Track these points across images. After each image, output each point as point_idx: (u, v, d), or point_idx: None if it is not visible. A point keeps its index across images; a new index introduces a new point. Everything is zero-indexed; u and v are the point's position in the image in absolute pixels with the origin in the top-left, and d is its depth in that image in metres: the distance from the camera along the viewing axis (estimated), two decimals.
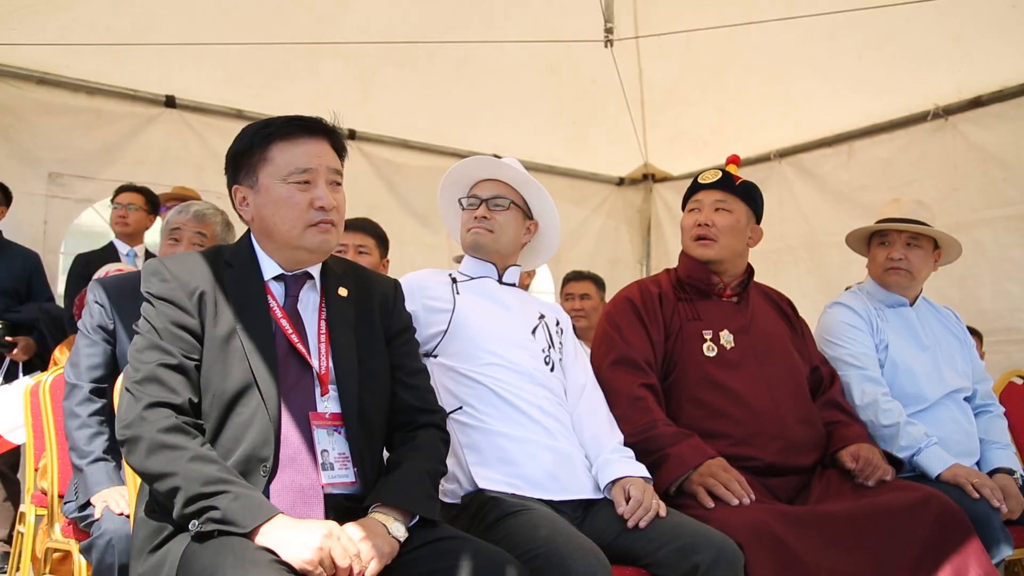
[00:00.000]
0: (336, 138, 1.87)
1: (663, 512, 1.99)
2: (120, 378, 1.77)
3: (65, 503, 2.58)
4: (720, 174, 2.62)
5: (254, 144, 1.81)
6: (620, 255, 6.38)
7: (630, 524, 1.96)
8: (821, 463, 2.48)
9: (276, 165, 1.79)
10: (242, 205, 1.84)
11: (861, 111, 4.93)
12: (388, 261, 3.18)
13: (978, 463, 2.72)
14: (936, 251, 2.88)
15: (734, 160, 2.74)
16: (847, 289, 3.09)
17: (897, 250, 2.83)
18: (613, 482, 2.09)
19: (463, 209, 2.42)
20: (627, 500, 2.01)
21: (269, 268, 1.85)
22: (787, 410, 2.44)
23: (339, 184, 1.85)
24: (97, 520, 2.28)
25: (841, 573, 2.04)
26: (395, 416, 1.89)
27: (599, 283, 4.55)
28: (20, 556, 3.18)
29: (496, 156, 5.44)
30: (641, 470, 2.14)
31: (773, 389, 2.46)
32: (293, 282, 1.86)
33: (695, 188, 2.66)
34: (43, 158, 4.53)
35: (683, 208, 2.72)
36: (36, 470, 3.01)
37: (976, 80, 4.41)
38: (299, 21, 4.54)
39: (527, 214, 2.41)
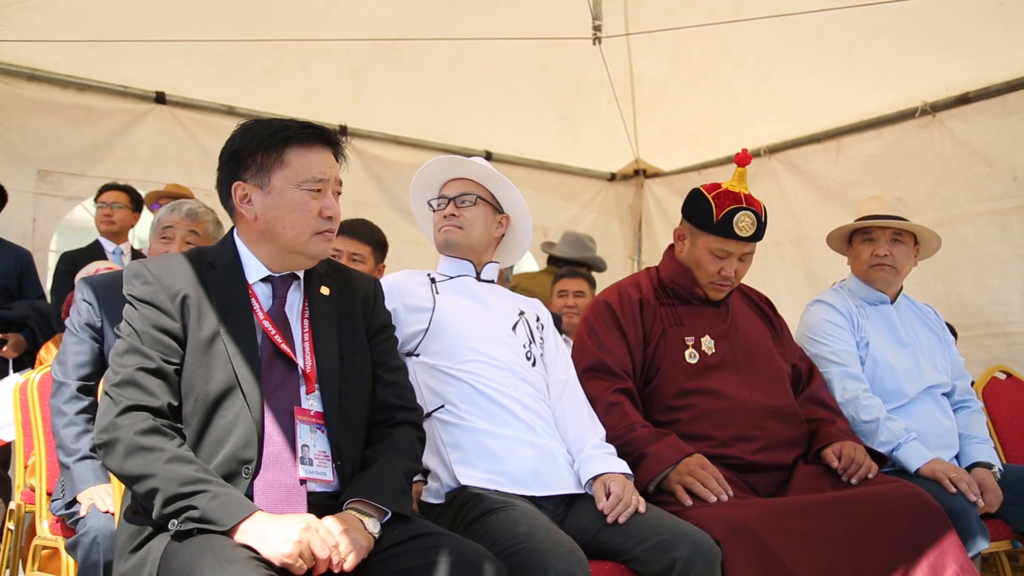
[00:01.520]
0: (340, 149, 1.92)
1: (642, 508, 2.02)
2: (102, 381, 1.79)
3: (53, 500, 2.60)
4: (756, 224, 2.50)
5: (269, 145, 1.82)
6: (611, 251, 6.39)
7: (609, 520, 1.98)
8: (803, 459, 2.51)
9: (293, 170, 1.82)
10: (243, 203, 1.84)
11: (850, 108, 4.94)
12: (384, 267, 3.16)
13: (957, 457, 2.75)
14: (915, 246, 2.91)
15: (744, 160, 2.59)
16: (833, 286, 3.12)
17: (882, 246, 2.85)
18: (594, 478, 2.11)
19: (433, 211, 2.44)
20: (607, 496, 2.03)
21: (254, 270, 1.86)
22: (768, 411, 2.46)
23: (337, 195, 1.90)
24: (83, 518, 2.30)
25: (818, 568, 2.06)
26: (373, 413, 1.91)
27: (591, 280, 4.59)
28: (10, 552, 3.19)
29: (488, 153, 5.46)
30: (622, 466, 2.16)
31: (754, 391, 2.48)
32: (280, 283, 1.88)
33: (728, 234, 2.48)
34: (32, 155, 4.53)
35: (692, 221, 2.58)
36: (25, 467, 3.03)
37: (963, 77, 4.42)
38: (289, 17, 4.54)
39: (497, 208, 2.43)
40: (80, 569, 2.27)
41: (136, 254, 4.37)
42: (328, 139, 1.87)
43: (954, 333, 4.18)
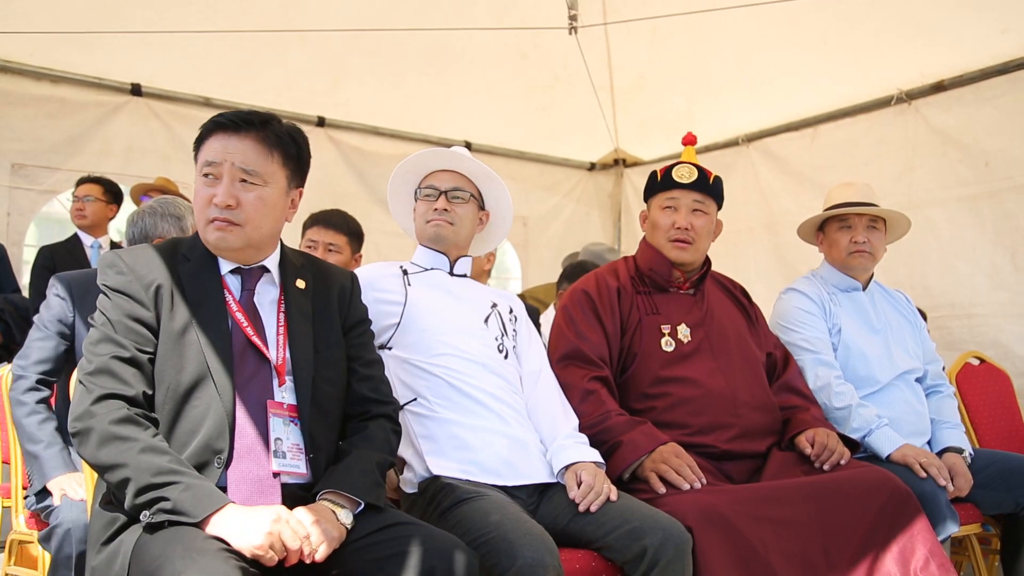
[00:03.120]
0: (268, 133, 1.82)
1: (614, 496, 2.04)
2: (75, 371, 1.79)
3: (27, 496, 2.59)
4: (696, 173, 2.59)
5: (198, 139, 1.83)
6: (591, 240, 6.41)
7: (581, 508, 2.00)
8: (777, 446, 2.53)
9: (199, 160, 1.83)
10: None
11: (828, 96, 4.97)
12: (361, 256, 3.15)
13: (929, 442, 2.78)
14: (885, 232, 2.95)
15: (691, 140, 2.75)
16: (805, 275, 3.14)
17: (860, 233, 2.88)
18: (566, 467, 2.13)
19: (418, 199, 2.42)
20: (579, 485, 2.05)
21: (226, 261, 1.86)
22: (744, 399, 2.49)
23: (251, 183, 1.79)
24: (55, 508, 2.30)
25: (790, 553, 2.09)
26: (348, 406, 1.92)
27: None
28: None
29: (467, 143, 5.45)
30: (594, 455, 2.18)
31: (730, 379, 2.50)
32: (248, 275, 1.88)
33: (669, 185, 2.61)
34: (6, 149, 4.47)
35: (646, 197, 2.72)
36: (5, 462, 3.01)
37: (938, 65, 4.45)
38: (266, 8, 4.52)
39: (480, 205, 2.44)
40: (53, 561, 2.27)
41: (115, 247, 4.34)
42: (234, 124, 1.79)
43: (924, 316, 4.25)
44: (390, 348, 2.24)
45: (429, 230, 2.37)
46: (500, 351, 2.30)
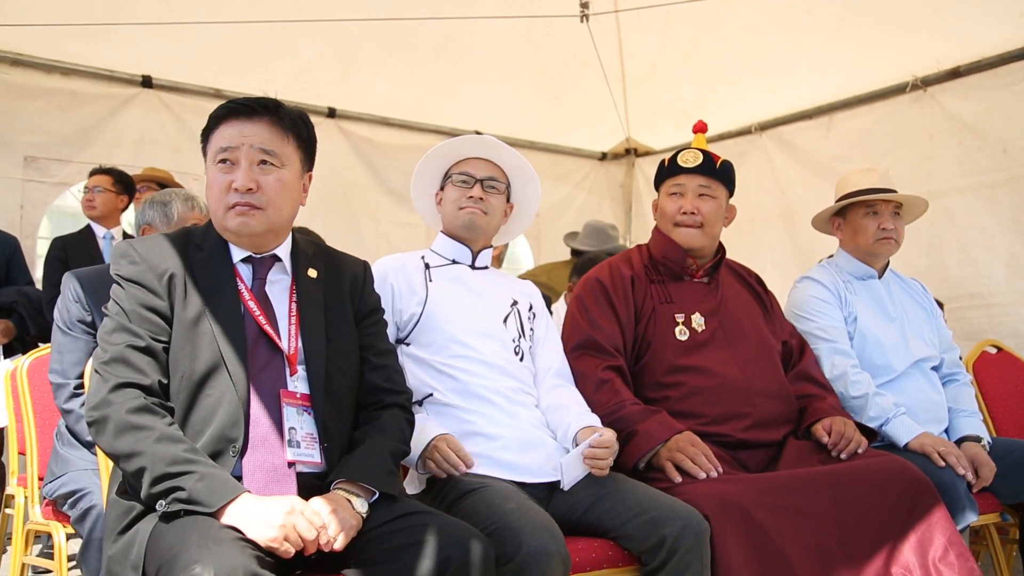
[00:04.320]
0: (282, 116, 1.83)
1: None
2: (89, 362, 1.79)
3: (45, 484, 2.60)
4: (701, 157, 2.58)
5: (207, 128, 1.83)
6: None
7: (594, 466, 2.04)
8: (793, 435, 2.51)
9: (210, 148, 1.82)
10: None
11: (842, 83, 4.93)
12: None
13: (946, 431, 2.76)
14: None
15: (701, 128, 2.74)
16: (820, 262, 3.11)
17: (887, 220, 2.85)
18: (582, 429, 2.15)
19: (449, 184, 2.38)
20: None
21: (238, 250, 1.86)
22: (759, 388, 2.46)
23: (271, 164, 1.80)
24: (89, 492, 2.33)
25: (806, 542, 2.07)
26: (362, 396, 1.91)
27: None
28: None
29: (477, 134, 5.45)
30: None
31: (745, 368, 2.48)
32: (260, 264, 1.87)
33: (675, 170, 2.61)
34: (18, 141, 4.49)
35: (656, 186, 2.71)
36: (22, 453, 3.02)
37: (954, 51, 4.41)
38: None
39: (507, 197, 2.42)
40: (84, 542, 2.29)
41: (127, 239, 4.34)
42: (248, 109, 1.80)
43: (940, 306, 4.22)
44: (408, 344, 2.23)
45: (463, 216, 2.33)
46: (516, 353, 2.28)
